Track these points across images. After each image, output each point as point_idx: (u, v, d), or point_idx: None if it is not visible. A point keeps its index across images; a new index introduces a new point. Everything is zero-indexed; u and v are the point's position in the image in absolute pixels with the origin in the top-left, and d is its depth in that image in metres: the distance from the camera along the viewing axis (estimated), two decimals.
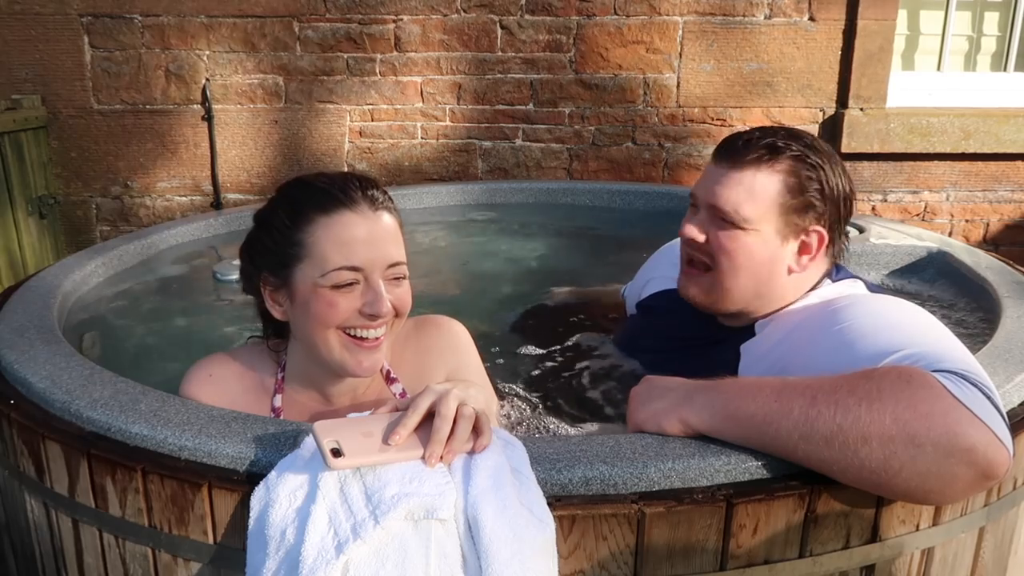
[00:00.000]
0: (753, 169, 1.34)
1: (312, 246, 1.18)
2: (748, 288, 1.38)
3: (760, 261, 1.36)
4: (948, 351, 1.08)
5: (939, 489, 1.00)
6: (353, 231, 1.18)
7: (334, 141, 3.57)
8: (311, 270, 1.18)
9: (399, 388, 1.35)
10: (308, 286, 1.18)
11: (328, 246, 1.17)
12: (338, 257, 1.17)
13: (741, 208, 1.34)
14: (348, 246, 1.17)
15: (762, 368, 1.31)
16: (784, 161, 1.34)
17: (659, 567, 1.05)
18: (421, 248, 2.67)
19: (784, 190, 1.34)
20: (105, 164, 3.52)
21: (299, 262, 1.19)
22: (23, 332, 1.51)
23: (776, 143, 1.35)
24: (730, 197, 1.35)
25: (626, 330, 1.81)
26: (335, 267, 1.16)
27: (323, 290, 1.17)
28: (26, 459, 1.25)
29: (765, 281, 1.38)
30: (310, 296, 1.18)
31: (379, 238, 1.19)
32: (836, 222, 1.38)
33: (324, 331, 1.19)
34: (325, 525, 0.94)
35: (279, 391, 1.32)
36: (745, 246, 1.36)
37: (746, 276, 1.37)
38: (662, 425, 1.12)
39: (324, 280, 1.17)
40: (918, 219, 3.76)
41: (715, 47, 3.52)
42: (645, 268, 1.86)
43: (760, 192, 1.34)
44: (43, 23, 3.36)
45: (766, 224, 1.35)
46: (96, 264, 2.08)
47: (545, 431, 1.48)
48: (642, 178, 3.64)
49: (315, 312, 1.18)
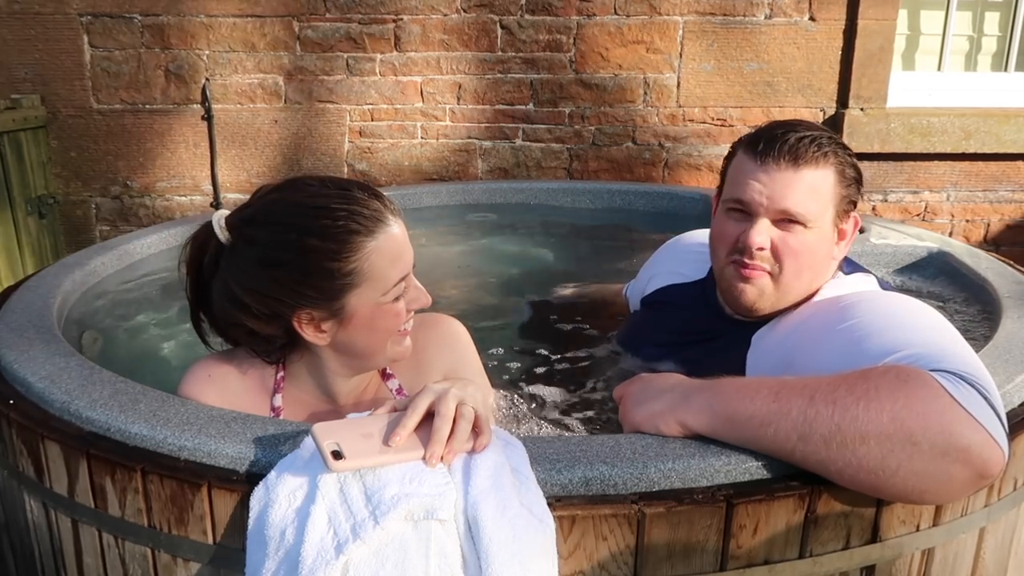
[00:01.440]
0: (812, 167, 1.35)
1: (368, 271, 1.17)
2: (805, 283, 1.40)
3: (822, 256, 1.39)
4: (949, 351, 1.08)
5: (935, 489, 1.00)
6: (397, 244, 1.21)
7: (334, 141, 3.57)
8: (371, 292, 1.19)
9: (395, 384, 1.35)
10: (369, 307, 1.20)
11: (384, 266, 1.18)
12: (395, 273, 1.19)
13: (810, 208, 1.35)
14: (399, 259, 1.20)
15: (770, 361, 1.32)
16: (833, 154, 1.37)
17: (659, 567, 1.04)
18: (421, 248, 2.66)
19: (837, 181, 1.37)
20: (105, 164, 3.52)
21: (354, 289, 1.18)
22: (22, 332, 1.51)
23: (822, 138, 1.37)
24: (799, 199, 1.35)
25: (630, 326, 1.81)
26: (395, 282, 1.19)
27: (388, 306, 1.20)
28: (25, 459, 1.25)
29: (821, 273, 1.41)
30: (374, 315, 1.20)
31: (407, 238, 1.24)
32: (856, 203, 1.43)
33: (387, 339, 1.23)
34: (325, 525, 0.94)
35: (279, 390, 1.31)
36: (811, 244, 1.37)
37: (809, 273, 1.39)
38: (659, 427, 1.12)
39: (386, 297, 1.19)
40: (918, 219, 3.75)
41: (715, 47, 3.52)
42: (648, 265, 1.86)
43: (822, 188, 1.36)
44: (43, 23, 3.35)
45: (824, 219, 1.37)
46: (96, 264, 2.08)
47: (545, 431, 1.48)
48: (642, 178, 3.64)
49: (383, 327, 1.22)
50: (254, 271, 1.18)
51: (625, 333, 1.80)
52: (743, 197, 1.38)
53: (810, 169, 1.35)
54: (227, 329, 1.27)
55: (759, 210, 1.37)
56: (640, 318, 1.79)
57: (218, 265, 1.22)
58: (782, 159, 1.35)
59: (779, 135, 1.36)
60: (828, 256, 1.41)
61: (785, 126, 1.39)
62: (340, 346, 1.24)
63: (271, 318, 1.20)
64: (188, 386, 1.29)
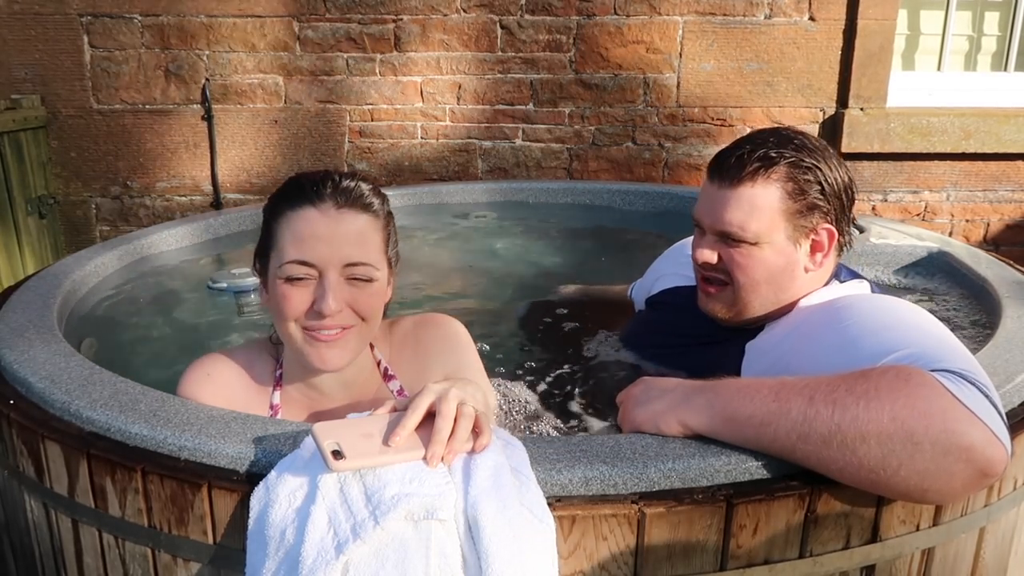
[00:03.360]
0: (750, 184, 1.35)
1: (278, 238, 1.22)
2: (768, 296, 1.40)
3: (777, 270, 1.38)
4: (947, 351, 1.08)
5: (937, 488, 1.00)
6: (312, 227, 1.19)
7: (334, 141, 3.57)
8: (275, 261, 1.22)
9: (396, 385, 1.35)
10: (272, 277, 1.23)
11: (287, 239, 1.20)
12: (293, 250, 1.19)
13: (748, 226, 1.35)
14: (304, 241, 1.19)
15: (764, 364, 1.32)
16: (779, 169, 1.35)
17: (659, 567, 1.04)
18: (421, 248, 2.67)
19: (785, 196, 1.35)
20: (105, 164, 3.52)
21: (270, 251, 1.24)
22: (23, 332, 1.51)
23: (768, 153, 1.35)
24: (734, 218, 1.36)
25: (634, 326, 1.81)
26: (288, 260, 1.19)
27: (280, 282, 1.21)
28: (26, 459, 1.25)
29: (785, 286, 1.40)
30: (273, 287, 1.23)
31: (339, 236, 1.19)
32: (841, 215, 1.40)
33: (285, 323, 1.22)
34: (325, 525, 0.94)
35: (277, 388, 1.31)
36: (760, 260, 1.37)
37: (766, 286, 1.39)
38: (660, 426, 1.13)
39: (280, 272, 1.20)
40: (918, 219, 3.76)
41: (715, 47, 3.52)
42: (656, 265, 1.86)
43: (762, 206, 1.35)
44: (43, 23, 3.36)
45: (776, 234, 1.36)
46: (96, 264, 2.08)
47: (546, 430, 1.48)
48: (642, 178, 3.64)
49: (274, 303, 1.23)
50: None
51: (628, 332, 1.80)
52: (694, 215, 1.44)
53: (747, 187, 1.35)
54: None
55: (705, 227, 1.41)
56: (644, 318, 1.79)
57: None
58: (722, 178, 1.38)
59: (728, 153, 1.39)
60: (793, 268, 1.38)
61: (743, 142, 1.39)
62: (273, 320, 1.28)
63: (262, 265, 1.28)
64: (187, 384, 1.29)
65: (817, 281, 1.42)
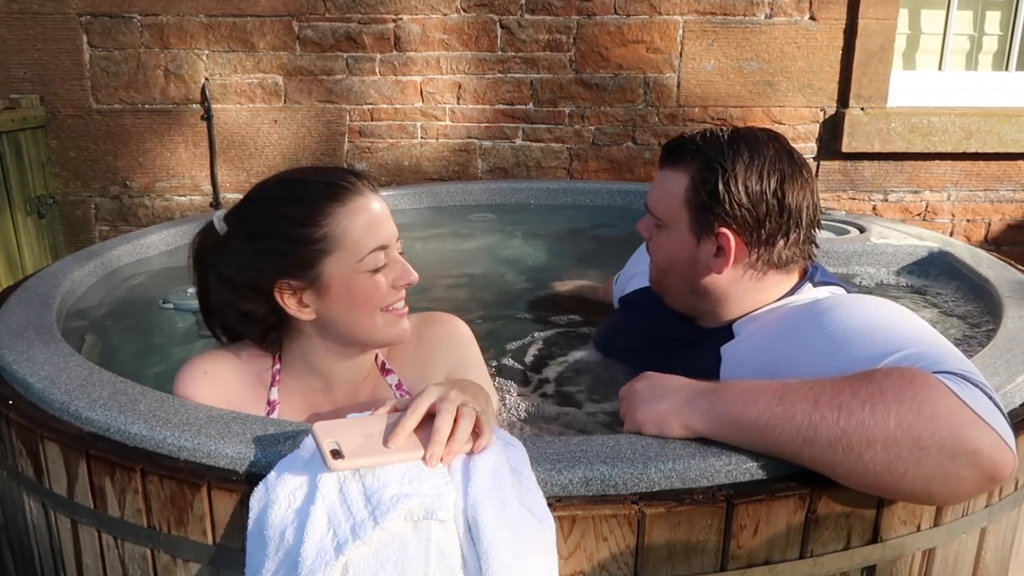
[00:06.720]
0: (670, 168, 1.43)
1: (340, 237, 1.20)
2: (679, 285, 1.44)
3: (678, 258, 1.41)
4: (947, 352, 1.08)
5: (944, 491, 0.99)
6: (372, 214, 1.22)
7: (334, 141, 3.57)
8: (344, 260, 1.20)
9: (394, 380, 1.35)
10: (345, 277, 1.21)
11: (357, 232, 1.20)
12: (370, 240, 1.21)
13: (658, 206, 1.43)
14: (374, 228, 1.22)
15: (747, 372, 1.28)
16: (694, 162, 1.38)
17: (659, 568, 1.04)
18: (421, 248, 2.67)
19: (690, 187, 1.38)
20: (104, 164, 3.52)
21: (327, 255, 1.20)
22: (22, 332, 1.50)
23: (690, 146, 1.39)
24: (651, 195, 1.46)
25: (605, 328, 1.80)
26: (370, 250, 1.20)
27: (363, 275, 1.21)
28: (25, 460, 1.25)
29: (693, 280, 1.40)
30: (350, 284, 1.21)
31: (387, 214, 1.25)
32: (753, 226, 1.33)
33: (371, 314, 1.23)
34: (324, 526, 0.94)
35: (275, 383, 1.31)
36: (664, 243, 1.43)
37: (673, 273, 1.44)
38: (663, 428, 1.12)
39: (362, 266, 1.20)
40: (919, 219, 3.75)
41: (715, 46, 3.52)
42: (631, 262, 1.85)
43: (673, 189, 1.40)
44: (42, 22, 3.35)
45: (679, 222, 1.40)
46: (95, 264, 2.08)
47: (546, 430, 1.47)
48: (642, 178, 3.64)
49: (360, 298, 1.22)
50: (238, 246, 1.23)
51: (600, 333, 1.79)
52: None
53: (668, 170, 1.43)
54: (223, 314, 1.29)
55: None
56: (614, 320, 1.78)
57: (215, 253, 1.27)
58: (660, 160, 1.47)
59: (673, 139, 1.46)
60: (698, 263, 1.38)
61: (700, 132, 1.43)
62: (326, 323, 1.24)
63: (256, 293, 1.23)
64: (183, 383, 1.28)
65: (765, 288, 1.38)
